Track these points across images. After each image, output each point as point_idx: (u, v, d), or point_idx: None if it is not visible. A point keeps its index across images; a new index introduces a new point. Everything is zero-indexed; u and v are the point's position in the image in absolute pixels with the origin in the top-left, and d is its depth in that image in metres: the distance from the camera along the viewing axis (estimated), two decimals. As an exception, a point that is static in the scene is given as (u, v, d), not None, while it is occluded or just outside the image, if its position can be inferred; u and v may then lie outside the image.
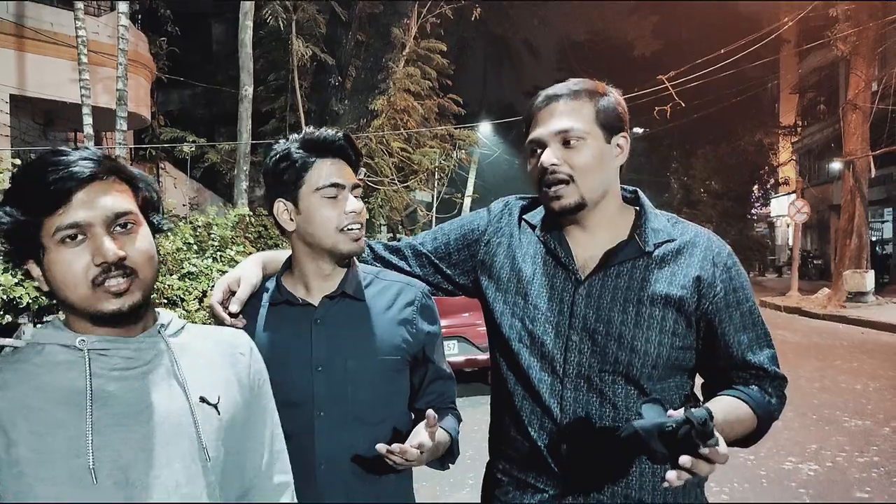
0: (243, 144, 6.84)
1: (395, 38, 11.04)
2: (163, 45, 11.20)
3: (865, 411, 6.68)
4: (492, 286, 1.62)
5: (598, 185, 1.48)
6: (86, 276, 1.07)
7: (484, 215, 1.73)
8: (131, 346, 1.13)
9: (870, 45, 17.37)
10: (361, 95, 11.04)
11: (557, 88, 1.51)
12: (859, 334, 12.53)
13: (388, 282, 1.63)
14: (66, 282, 1.07)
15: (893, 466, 5.10)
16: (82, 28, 5.77)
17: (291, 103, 10.68)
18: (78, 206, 1.06)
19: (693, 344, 1.50)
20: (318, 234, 1.50)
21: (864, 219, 17.71)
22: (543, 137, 1.47)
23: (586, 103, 1.48)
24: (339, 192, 1.49)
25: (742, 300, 1.49)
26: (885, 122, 17.05)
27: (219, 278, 1.64)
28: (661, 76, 17.59)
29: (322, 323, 1.54)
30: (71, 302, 1.09)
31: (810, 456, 5.35)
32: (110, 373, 1.10)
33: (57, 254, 1.07)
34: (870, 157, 17.37)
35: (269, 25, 9.41)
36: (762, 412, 1.45)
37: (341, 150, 1.52)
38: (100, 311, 1.09)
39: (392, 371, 1.57)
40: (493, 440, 1.69)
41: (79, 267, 1.06)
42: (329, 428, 1.50)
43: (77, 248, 1.07)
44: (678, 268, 1.49)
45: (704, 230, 1.57)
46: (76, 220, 1.06)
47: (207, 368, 1.22)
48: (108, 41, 9.50)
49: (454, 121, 13.49)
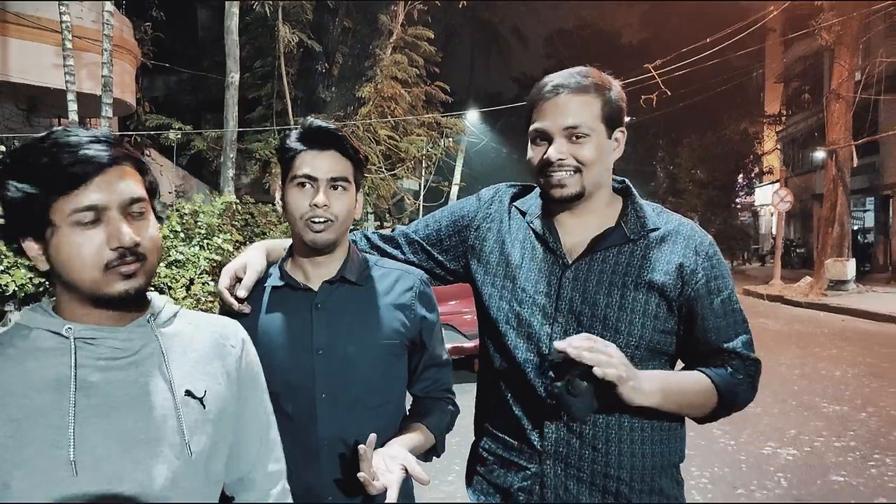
0: (230, 132, 6.82)
1: (383, 24, 10.99)
2: (148, 30, 11.08)
3: (843, 397, 6.81)
4: (481, 270, 1.68)
5: (598, 178, 1.55)
6: (99, 258, 1.06)
7: (474, 202, 1.78)
8: (119, 336, 1.12)
9: (853, 34, 17.49)
10: (349, 83, 11.00)
11: (565, 78, 1.53)
12: (839, 322, 12.72)
13: (386, 269, 1.68)
14: (75, 263, 1.06)
15: (869, 450, 5.23)
16: (67, 13, 5.70)
17: (278, 90, 10.63)
18: (95, 188, 1.06)
19: (674, 329, 1.56)
20: (290, 221, 1.57)
21: (846, 208, 17.91)
22: (550, 130, 1.51)
23: (594, 99, 1.51)
24: (312, 183, 1.52)
25: (722, 288, 1.55)
26: (867, 112, 17.22)
27: (206, 266, 1.69)
28: (648, 65, 17.66)
29: (322, 308, 1.58)
30: (76, 283, 1.08)
31: (789, 441, 5.47)
32: (96, 362, 1.08)
33: (69, 235, 1.06)
34: (852, 146, 17.54)
35: (255, 12, 9.33)
36: (724, 386, 1.51)
37: (330, 141, 1.54)
38: (107, 293, 1.08)
39: (391, 355, 1.61)
40: (479, 420, 1.76)
41: (91, 249, 1.06)
42: (331, 410, 1.54)
43: (91, 230, 1.06)
44: (662, 255, 1.54)
45: (688, 220, 1.63)
46: (94, 203, 1.06)
47: (196, 361, 1.21)
48: (92, 26, 9.39)
49: (441, 108, 13.46)
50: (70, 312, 1.11)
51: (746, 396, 1.57)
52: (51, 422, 1.03)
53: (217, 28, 15.68)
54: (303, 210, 1.52)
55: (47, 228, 1.07)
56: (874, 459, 5.03)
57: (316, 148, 1.54)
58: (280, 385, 1.54)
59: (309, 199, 1.52)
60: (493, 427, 1.67)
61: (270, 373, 1.53)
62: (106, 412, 1.07)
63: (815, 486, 4.56)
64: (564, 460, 1.53)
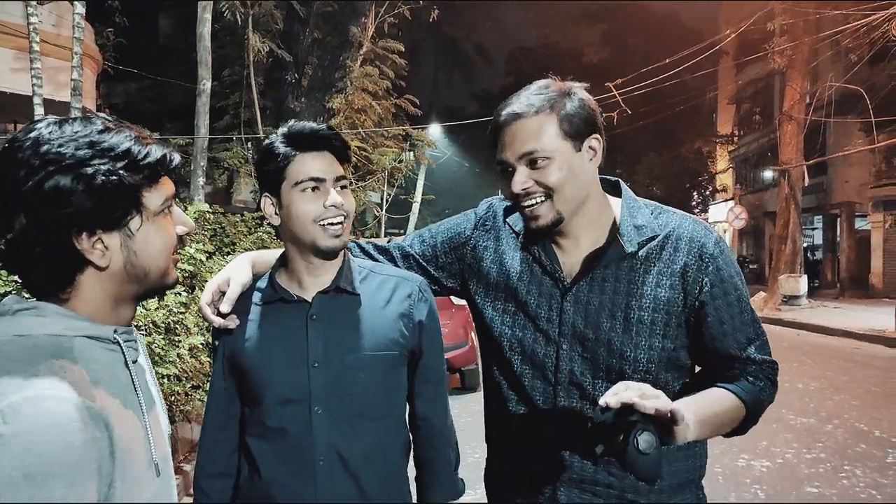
0: (200, 140, 6.66)
1: (353, 36, 10.95)
2: (110, 36, 10.80)
3: (809, 409, 6.98)
4: (481, 291, 1.63)
5: (574, 197, 1.45)
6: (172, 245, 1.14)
7: (471, 218, 1.71)
8: (136, 336, 1.12)
9: (804, 59, 18.19)
10: (318, 93, 10.90)
11: (517, 104, 1.43)
12: (796, 336, 13.10)
13: (384, 275, 1.62)
14: (161, 252, 1.09)
15: (839, 462, 5.36)
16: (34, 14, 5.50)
17: (246, 99, 10.46)
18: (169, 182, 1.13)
19: (685, 343, 1.49)
20: (298, 228, 1.48)
21: (798, 225, 18.53)
22: (510, 161, 1.44)
23: (548, 118, 1.41)
24: (320, 185, 1.47)
25: (729, 291, 1.46)
26: (817, 134, 17.88)
27: (178, 275, 1.61)
28: (609, 83, 18.04)
29: (318, 319, 1.52)
30: (151, 274, 1.08)
31: (761, 453, 5.57)
32: (132, 364, 1.07)
33: (155, 224, 1.08)
34: (804, 166, 18.17)
35: (224, 19, 9.18)
36: (750, 399, 1.44)
37: (324, 142, 1.50)
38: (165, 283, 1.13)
39: (390, 366, 1.56)
40: (490, 440, 1.71)
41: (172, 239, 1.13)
42: (328, 424, 1.49)
43: (167, 219, 1.12)
44: (664, 265, 1.46)
45: (690, 217, 1.54)
46: (169, 194, 1.12)
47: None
48: (52, 30, 9.12)
49: (408, 122, 13.45)
50: (99, 314, 1.03)
51: (770, 399, 1.52)
52: (130, 429, 0.99)
53: (180, 36, 15.45)
54: (316, 213, 1.46)
55: (134, 219, 1.02)
56: (844, 471, 5.16)
57: (312, 150, 1.49)
58: (274, 399, 1.50)
59: (321, 201, 1.47)
60: (505, 449, 1.63)
61: (263, 387, 1.50)
62: (153, 413, 1.08)
63: (792, 497, 4.65)
64: (579, 484, 1.49)
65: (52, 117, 1.03)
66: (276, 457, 1.50)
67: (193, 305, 4.91)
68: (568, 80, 1.51)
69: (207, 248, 5.69)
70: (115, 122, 1.04)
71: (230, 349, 1.55)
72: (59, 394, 0.86)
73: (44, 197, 0.93)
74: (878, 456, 5.49)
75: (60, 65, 9.10)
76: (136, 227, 1.02)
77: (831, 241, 23.85)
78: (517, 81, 38.77)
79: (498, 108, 1.47)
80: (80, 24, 5.57)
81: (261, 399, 1.51)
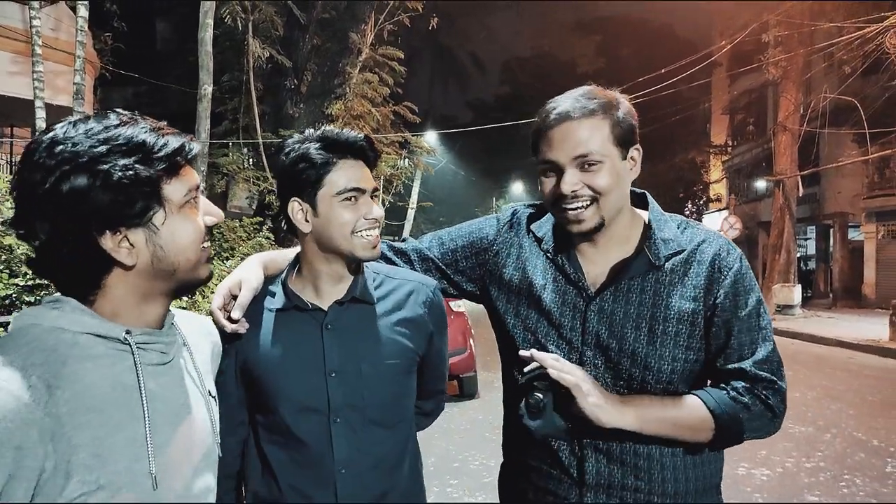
0: (201, 144, 6.65)
1: (353, 43, 10.96)
2: (108, 40, 10.76)
3: (807, 418, 6.99)
4: (502, 297, 1.62)
5: (616, 204, 1.46)
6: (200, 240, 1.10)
7: (493, 223, 1.70)
8: (163, 339, 1.07)
9: (799, 70, 18.35)
10: (317, 99, 10.90)
11: (569, 104, 1.42)
12: (790, 345, 13.14)
13: (399, 280, 1.61)
14: (185, 245, 1.07)
15: (838, 471, 5.36)
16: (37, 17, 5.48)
17: (246, 105, 10.44)
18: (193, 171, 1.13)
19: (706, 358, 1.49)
20: (336, 237, 1.46)
21: (792, 235, 18.63)
22: (560, 161, 1.42)
23: (602, 122, 1.41)
24: (360, 196, 1.46)
25: (741, 305, 1.46)
26: (811, 145, 18.02)
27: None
28: (604, 93, 18.07)
29: (333, 328, 1.50)
30: (178, 269, 1.06)
31: (761, 461, 5.56)
32: (146, 368, 1.03)
33: (181, 217, 1.06)
34: (798, 176, 18.29)
35: (224, 25, 9.18)
36: (722, 412, 1.40)
37: (362, 151, 1.48)
38: (198, 277, 1.11)
39: (404, 373, 1.56)
40: (510, 449, 1.70)
41: (199, 231, 1.09)
42: (347, 433, 1.48)
43: (195, 211, 1.10)
44: (688, 279, 1.47)
45: (715, 234, 1.54)
46: (195, 184, 1.09)
47: (204, 360, 1.21)
48: (50, 34, 9.10)
49: (405, 129, 13.47)
50: (122, 314, 1.02)
51: (760, 423, 1.45)
52: (127, 435, 0.97)
53: (178, 40, 15.42)
54: (354, 224, 1.45)
55: (157, 212, 1.01)
56: (844, 479, 5.16)
57: (350, 159, 1.47)
58: (292, 409, 1.48)
59: (360, 212, 1.46)
60: (527, 457, 1.61)
61: (280, 397, 1.49)
62: (170, 420, 1.04)
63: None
64: (606, 490, 1.48)
65: (72, 117, 1.02)
66: (295, 465, 1.49)
67: (193, 310, 4.89)
68: (612, 89, 1.50)
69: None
70: (131, 115, 1.03)
71: (242, 356, 1.53)
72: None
73: (62, 197, 0.92)
74: (877, 465, 5.50)
75: (58, 69, 9.09)
76: (161, 221, 1.00)
77: (824, 251, 23.98)
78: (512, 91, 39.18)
79: (544, 109, 1.46)
80: (83, 27, 5.56)
81: (276, 407, 1.49)
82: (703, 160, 32.51)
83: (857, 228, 22.06)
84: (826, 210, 22.73)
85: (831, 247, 23.36)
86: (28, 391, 0.88)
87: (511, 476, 1.68)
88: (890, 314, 12.50)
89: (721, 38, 19.91)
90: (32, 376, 0.90)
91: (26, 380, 0.89)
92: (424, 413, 1.76)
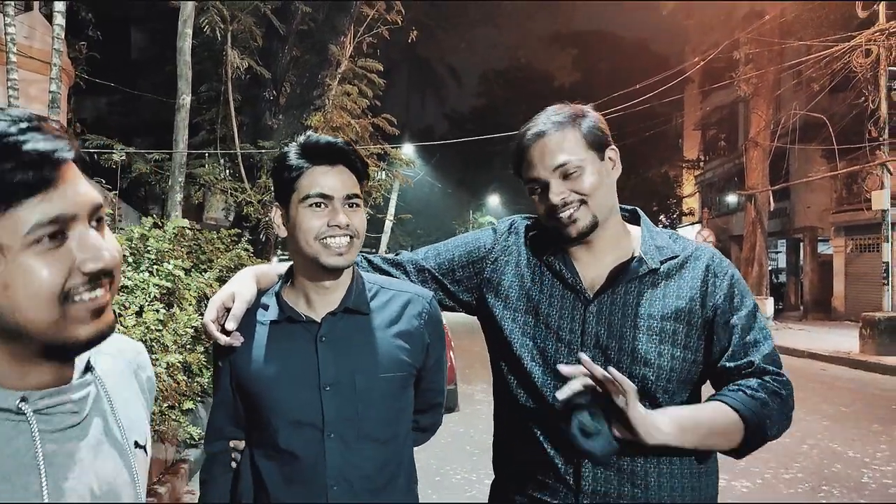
0: (179, 154, 6.57)
1: (332, 55, 10.95)
2: (82, 49, 10.63)
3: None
4: (500, 304, 1.63)
5: (605, 202, 1.53)
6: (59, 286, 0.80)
7: (490, 234, 1.73)
8: (73, 396, 0.87)
9: (769, 87, 18.76)
10: (297, 111, 10.84)
11: (540, 123, 1.52)
12: (764, 357, 13.30)
13: (394, 291, 1.58)
14: (31, 295, 0.79)
15: (816, 482, 5.42)
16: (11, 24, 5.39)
17: (224, 115, 10.35)
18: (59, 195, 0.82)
19: (702, 359, 1.52)
20: (301, 242, 1.44)
21: (764, 249, 18.97)
22: (543, 176, 1.50)
23: (572, 131, 1.50)
24: (327, 202, 1.43)
25: (740, 306, 1.52)
26: (781, 160, 18.40)
27: (156, 292, 1.55)
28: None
29: (327, 340, 1.48)
30: (33, 323, 0.80)
31: (740, 473, 5.60)
32: (52, 435, 0.84)
33: (26, 261, 0.77)
34: (769, 191, 18.64)
35: (202, 35, 9.11)
36: (748, 411, 1.41)
37: (339, 156, 1.46)
38: (72, 338, 0.83)
39: (400, 387, 1.53)
40: (502, 457, 1.69)
41: (52, 275, 0.80)
42: (340, 448, 1.45)
43: (55, 251, 0.81)
44: (683, 281, 1.53)
45: (704, 245, 1.62)
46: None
47: (128, 401, 1.00)
48: (24, 41, 8.94)
49: (383, 141, 13.46)
50: (7, 378, 0.82)
51: (779, 416, 1.46)
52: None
53: (152, 49, 15.28)
54: (319, 231, 1.42)
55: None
56: (823, 490, 5.23)
57: (324, 164, 1.44)
58: (285, 423, 1.45)
59: (326, 219, 1.43)
60: (522, 466, 1.60)
61: (273, 411, 1.46)
62: (73, 487, 0.85)
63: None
64: (602, 498, 1.48)
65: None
66: (286, 480, 1.46)
67: (171, 323, 4.80)
68: (580, 104, 1.61)
69: (185, 264, 5.59)
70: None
71: (236, 370, 1.51)
72: None
73: None
74: (853, 476, 5.58)
75: (32, 77, 8.92)
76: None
77: (795, 264, 24.44)
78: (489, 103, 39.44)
79: (520, 133, 1.56)
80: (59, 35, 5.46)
81: (269, 421, 1.47)
82: (676, 174, 33.02)
83: (826, 242, 22.52)
84: (796, 224, 23.19)
85: (801, 260, 23.82)
86: None
87: (504, 489, 1.67)
88: (859, 327, 12.77)
89: (693, 54, 20.31)
90: None
91: None
92: (421, 428, 1.73)
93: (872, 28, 13.52)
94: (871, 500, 5.03)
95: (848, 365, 11.93)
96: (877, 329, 12.23)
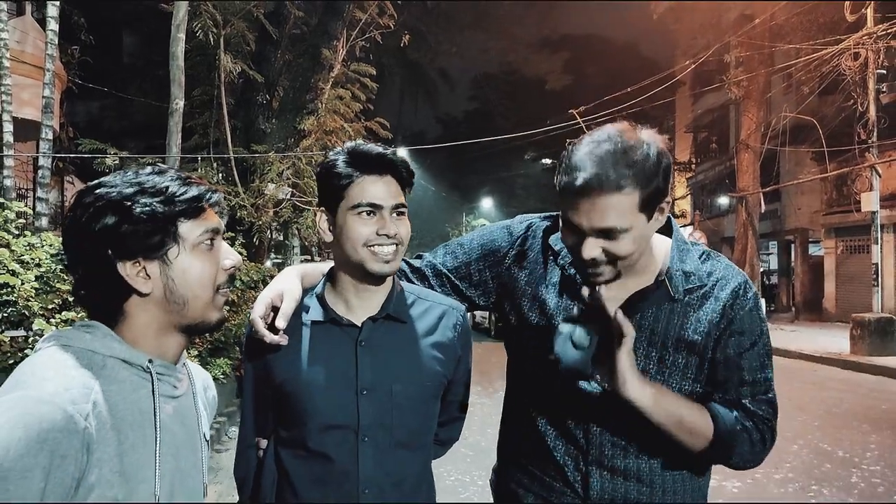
0: (172, 159, 6.58)
1: (325, 59, 10.96)
2: (74, 53, 10.61)
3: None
4: (514, 310, 1.63)
5: (636, 258, 1.44)
6: (214, 280, 1.17)
7: (506, 236, 1.69)
8: (176, 374, 1.16)
9: (759, 90, 18.89)
10: (290, 115, 10.84)
11: (597, 169, 1.32)
12: (756, 358, 13.37)
13: (430, 302, 1.61)
14: (196, 283, 1.14)
15: (806, 481, 5.48)
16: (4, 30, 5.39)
17: (216, 119, 10.35)
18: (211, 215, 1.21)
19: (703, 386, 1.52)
20: (349, 249, 1.47)
21: (755, 250, 19.06)
22: (583, 227, 1.37)
23: (631, 192, 1.32)
24: (377, 211, 1.46)
25: (744, 340, 1.49)
26: (772, 162, 18.52)
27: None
28: (573, 110, 18.43)
29: (367, 345, 1.50)
30: (188, 306, 1.13)
31: (731, 473, 5.64)
32: (161, 397, 1.11)
33: (193, 255, 1.15)
34: (760, 193, 18.75)
35: (196, 39, 9.11)
36: (721, 422, 1.43)
37: (388, 166, 1.48)
38: (208, 321, 1.17)
39: (432, 396, 1.56)
40: (509, 458, 1.71)
41: (213, 270, 1.18)
42: (374, 453, 1.47)
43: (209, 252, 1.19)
44: (703, 313, 1.48)
45: (736, 269, 1.54)
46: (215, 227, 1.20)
47: (203, 405, 1.28)
48: (16, 46, 8.92)
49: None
50: (142, 343, 1.11)
51: (751, 451, 1.48)
52: (140, 457, 1.04)
53: (145, 54, 15.26)
54: (368, 238, 1.45)
55: (171, 248, 1.11)
56: (812, 490, 5.28)
57: (374, 173, 1.46)
58: (321, 425, 1.47)
59: (374, 227, 1.45)
60: (529, 467, 1.62)
61: (310, 413, 1.48)
62: (173, 450, 1.11)
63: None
64: (610, 502, 1.51)
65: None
66: (315, 481, 1.48)
67: (233, 317, 4.80)
68: (641, 128, 1.41)
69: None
70: (165, 167, 1.17)
71: (274, 369, 1.51)
72: (43, 396, 0.93)
73: (94, 230, 1.06)
74: (843, 475, 5.63)
75: (23, 82, 8.92)
76: (175, 255, 1.10)
77: (786, 266, 24.54)
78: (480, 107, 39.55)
79: (570, 164, 1.35)
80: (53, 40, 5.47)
81: (304, 422, 1.48)
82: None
83: (817, 244, 22.64)
84: (787, 226, 23.31)
85: (793, 262, 23.94)
86: (72, 404, 0.95)
87: (510, 483, 1.68)
88: (850, 328, 12.86)
89: (684, 57, 20.40)
90: (73, 390, 0.97)
91: (69, 393, 0.96)
92: (441, 442, 1.74)
93: (861, 31, 13.64)
94: (861, 500, 5.08)
95: (839, 365, 12.01)
96: (867, 330, 12.31)
